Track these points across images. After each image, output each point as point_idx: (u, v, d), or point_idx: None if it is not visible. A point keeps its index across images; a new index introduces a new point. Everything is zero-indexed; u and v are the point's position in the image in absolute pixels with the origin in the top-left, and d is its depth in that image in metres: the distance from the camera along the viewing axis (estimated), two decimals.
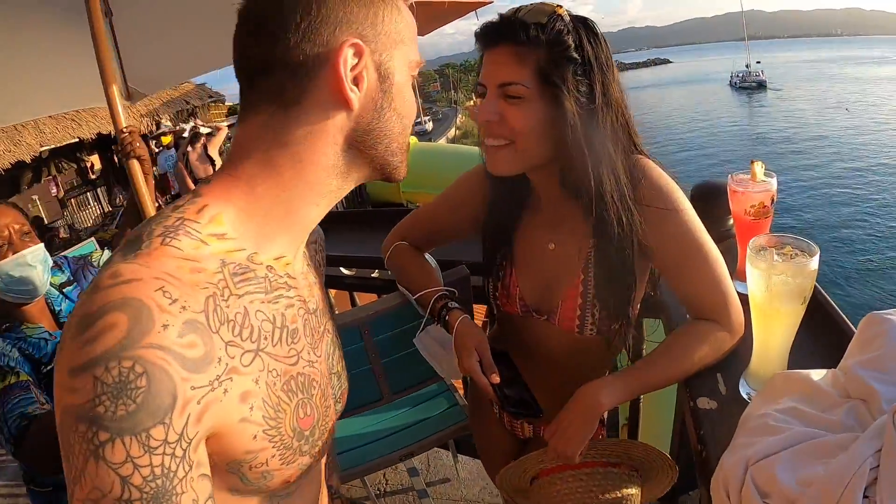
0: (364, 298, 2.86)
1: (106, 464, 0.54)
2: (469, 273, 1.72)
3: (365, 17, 0.71)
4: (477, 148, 1.22)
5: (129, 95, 2.85)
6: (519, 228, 1.33)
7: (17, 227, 1.64)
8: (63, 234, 11.47)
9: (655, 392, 1.20)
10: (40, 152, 9.26)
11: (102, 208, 12.80)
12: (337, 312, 1.94)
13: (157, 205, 2.04)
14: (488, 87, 1.12)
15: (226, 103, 14.78)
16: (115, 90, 1.94)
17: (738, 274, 1.30)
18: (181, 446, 0.58)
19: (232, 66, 0.75)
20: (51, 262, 1.70)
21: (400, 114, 0.77)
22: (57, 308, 1.74)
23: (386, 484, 2.91)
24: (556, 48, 1.06)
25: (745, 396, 1.03)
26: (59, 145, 9.69)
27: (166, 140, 9.02)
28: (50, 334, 1.66)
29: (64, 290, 1.79)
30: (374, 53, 0.73)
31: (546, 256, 1.28)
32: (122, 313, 0.57)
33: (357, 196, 9.11)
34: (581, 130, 1.07)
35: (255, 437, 0.68)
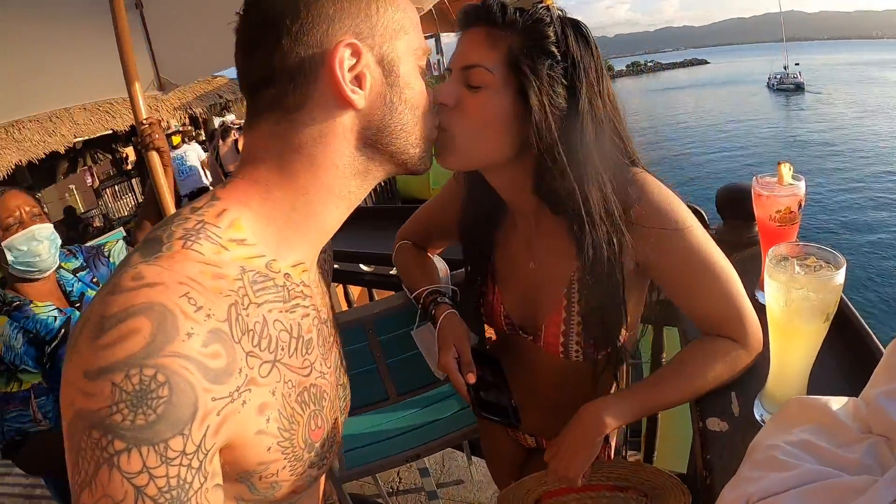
0: (382, 296, 2.84)
1: (120, 473, 0.53)
2: None
3: (357, 12, 0.70)
4: None
5: (162, 86, 2.90)
6: (498, 242, 1.26)
7: (27, 208, 1.73)
8: (97, 223, 11.74)
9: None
10: (74, 143, 9.46)
11: (136, 199, 13.05)
12: (342, 311, 1.91)
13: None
14: (453, 70, 1.02)
15: None
16: (137, 82, 1.93)
17: (760, 284, 1.23)
18: (198, 458, 0.57)
19: None
20: (59, 241, 1.78)
21: (412, 105, 0.76)
22: (68, 288, 1.81)
23: (399, 482, 2.89)
24: (533, 36, 0.96)
25: (758, 419, 0.95)
26: (93, 136, 9.88)
27: (176, 140, 9.02)
28: (60, 311, 1.72)
29: (77, 275, 1.86)
30: (373, 49, 0.71)
31: (527, 276, 1.20)
32: (146, 318, 0.55)
33: (387, 192, 9.13)
34: (554, 134, 0.97)
35: (269, 448, 0.67)
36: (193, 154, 8.75)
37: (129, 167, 12.95)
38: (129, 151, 12.55)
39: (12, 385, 1.62)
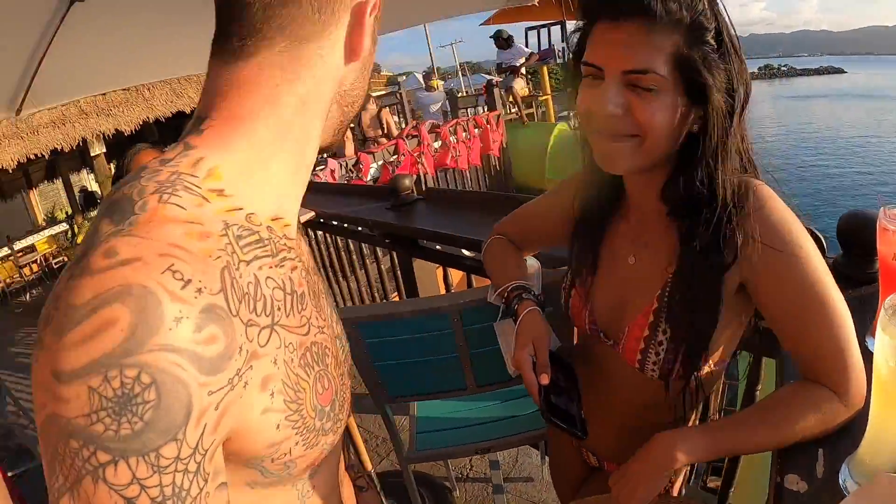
0: (482, 282, 2.84)
1: (107, 485, 0.47)
2: None
3: None
4: None
5: None
6: (605, 236, 1.20)
7: None
8: None
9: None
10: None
11: None
12: (432, 296, 1.91)
13: None
14: (608, 72, 0.92)
15: (381, 73, 15.19)
16: None
17: (873, 329, 1.11)
18: (195, 460, 0.51)
19: (388, 35, 0.71)
20: None
21: (363, 87, 0.74)
22: None
23: (470, 469, 2.92)
24: (695, 24, 0.89)
25: (843, 487, 0.85)
26: None
27: None
28: None
29: None
30: (376, 19, 0.70)
31: (624, 271, 1.15)
32: (123, 306, 0.47)
33: (500, 176, 9.10)
34: (719, 130, 0.92)
35: (278, 426, 0.61)
36: None
37: None
38: None
39: None
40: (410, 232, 2.79)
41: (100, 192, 10.03)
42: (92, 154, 9.33)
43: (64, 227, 11.63)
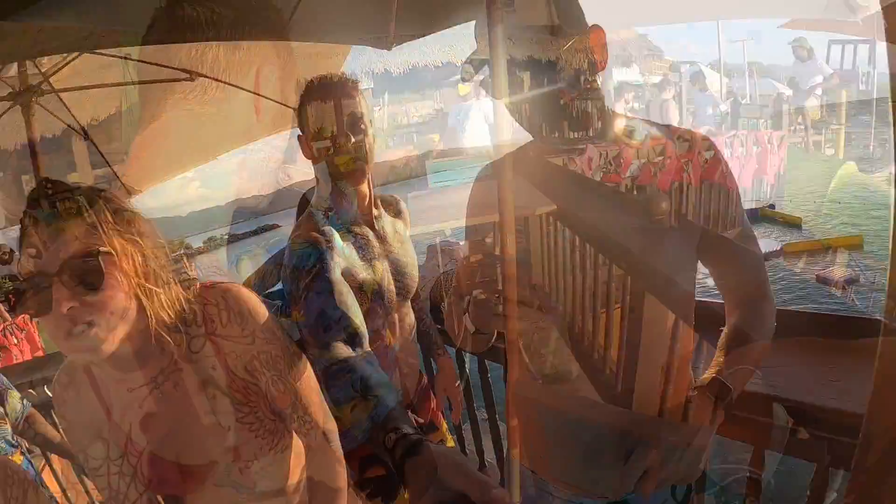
0: None
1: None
2: None
3: None
4: None
5: (552, 32, 2.95)
6: None
7: None
8: None
9: None
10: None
11: None
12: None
13: None
14: None
15: (664, 57, 14.39)
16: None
17: None
18: (129, 462, 0.54)
19: (675, 25, 0.61)
20: None
21: None
22: None
23: None
24: None
25: None
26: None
27: (463, 90, 7.00)
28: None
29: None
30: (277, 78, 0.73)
31: None
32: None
33: (769, 211, 8.08)
34: None
35: (229, 428, 0.62)
36: (479, 113, 6.62)
37: None
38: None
39: None
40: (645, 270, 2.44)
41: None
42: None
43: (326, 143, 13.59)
